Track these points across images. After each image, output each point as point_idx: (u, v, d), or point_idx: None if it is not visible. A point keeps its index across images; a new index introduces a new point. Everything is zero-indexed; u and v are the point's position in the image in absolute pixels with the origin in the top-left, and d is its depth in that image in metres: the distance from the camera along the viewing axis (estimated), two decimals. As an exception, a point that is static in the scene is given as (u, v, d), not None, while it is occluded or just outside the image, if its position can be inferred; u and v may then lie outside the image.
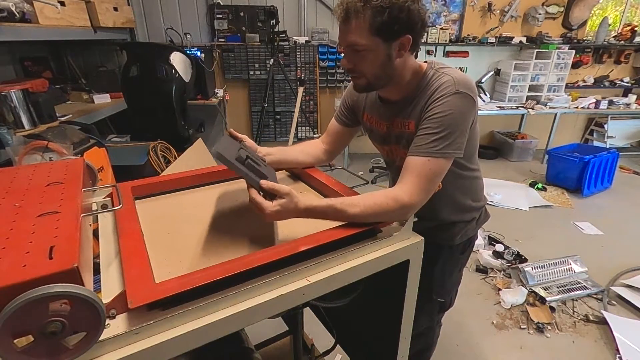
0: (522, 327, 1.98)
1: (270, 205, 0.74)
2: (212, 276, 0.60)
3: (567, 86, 4.66)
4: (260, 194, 0.76)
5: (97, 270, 0.67)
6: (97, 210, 0.86)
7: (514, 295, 2.16)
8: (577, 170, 3.56)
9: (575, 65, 4.67)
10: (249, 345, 1.21)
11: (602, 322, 2.00)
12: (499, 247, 2.57)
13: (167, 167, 2.31)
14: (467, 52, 4.50)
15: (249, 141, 0.99)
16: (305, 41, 4.10)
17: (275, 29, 3.72)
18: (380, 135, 1.09)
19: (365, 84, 0.93)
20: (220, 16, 3.92)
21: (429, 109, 0.89)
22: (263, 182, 0.76)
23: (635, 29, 4.50)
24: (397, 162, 1.06)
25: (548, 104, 4.37)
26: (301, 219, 0.79)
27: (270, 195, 0.76)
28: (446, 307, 1.32)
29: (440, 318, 1.40)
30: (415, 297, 0.90)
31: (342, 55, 0.92)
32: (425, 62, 0.98)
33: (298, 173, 1.16)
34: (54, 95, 2.70)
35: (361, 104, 1.11)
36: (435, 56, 4.47)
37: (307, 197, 0.81)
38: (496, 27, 4.39)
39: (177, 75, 2.78)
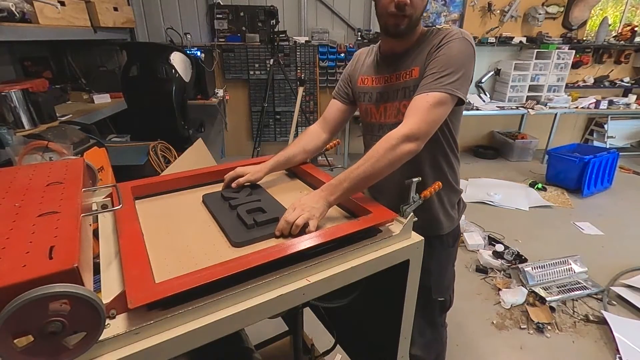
0: (522, 327, 1.98)
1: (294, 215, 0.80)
2: (212, 276, 0.60)
3: (567, 86, 4.66)
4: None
5: (97, 270, 0.67)
6: (97, 210, 0.86)
7: (514, 295, 2.16)
8: (577, 170, 3.55)
9: (575, 65, 4.67)
10: (249, 345, 1.20)
11: (602, 322, 2.00)
12: (499, 247, 2.57)
13: (167, 167, 2.32)
14: (467, 52, 4.49)
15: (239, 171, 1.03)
16: (305, 41, 4.11)
17: (275, 29, 3.71)
18: (378, 93, 1.12)
19: (407, 24, 0.98)
20: (220, 16, 3.92)
21: (435, 52, 0.97)
22: (277, 230, 0.80)
23: (635, 29, 4.50)
24: (383, 120, 1.12)
25: (548, 104, 4.37)
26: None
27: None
28: (446, 306, 1.31)
29: (444, 319, 1.40)
30: (416, 296, 0.90)
31: None
32: None
33: (295, 171, 1.17)
34: (54, 95, 2.70)
35: (357, 71, 1.18)
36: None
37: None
38: (496, 27, 4.39)
39: (177, 75, 2.78)
